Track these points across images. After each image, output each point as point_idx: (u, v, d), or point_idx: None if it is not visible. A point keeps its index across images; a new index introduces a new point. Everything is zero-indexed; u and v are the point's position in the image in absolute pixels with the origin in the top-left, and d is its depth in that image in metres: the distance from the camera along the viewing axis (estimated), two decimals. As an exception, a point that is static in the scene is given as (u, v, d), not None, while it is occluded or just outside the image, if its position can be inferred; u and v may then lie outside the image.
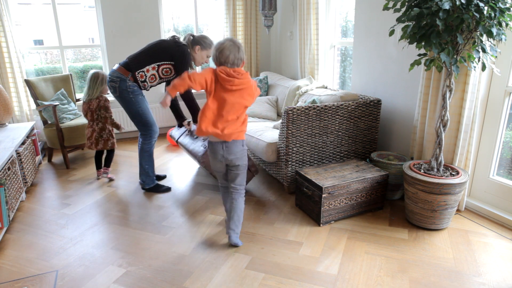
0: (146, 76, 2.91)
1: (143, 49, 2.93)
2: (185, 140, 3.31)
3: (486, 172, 2.69)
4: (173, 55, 2.89)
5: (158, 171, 3.68)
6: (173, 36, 2.96)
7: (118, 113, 4.58)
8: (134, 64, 2.87)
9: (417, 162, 2.67)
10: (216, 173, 2.40)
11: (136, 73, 2.87)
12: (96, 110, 3.27)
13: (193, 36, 2.98)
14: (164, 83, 3.14)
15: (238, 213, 2.36)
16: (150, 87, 3.02)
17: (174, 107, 3.34)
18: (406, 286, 1.98)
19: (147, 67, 2.89)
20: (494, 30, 2.08)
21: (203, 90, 2.20)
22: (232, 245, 2.39)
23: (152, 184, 3.20)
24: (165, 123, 4.93)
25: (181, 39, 3.02)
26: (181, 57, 2.88)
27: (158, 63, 2.90)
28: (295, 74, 4.72)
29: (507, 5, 2.10)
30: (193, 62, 3.05)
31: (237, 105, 2.16)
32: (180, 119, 3.39)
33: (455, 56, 2.24)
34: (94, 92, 3.23)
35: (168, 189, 3.23)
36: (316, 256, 2.25)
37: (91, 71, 3.26)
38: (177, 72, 2.95)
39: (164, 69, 2.94)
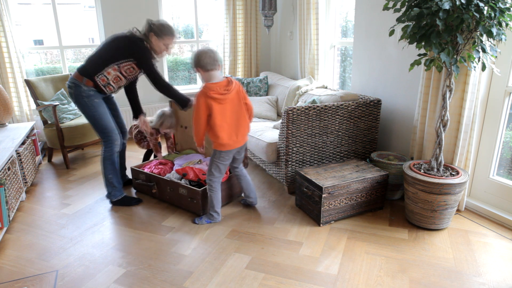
0: (108, 79, 2.69)
1: (98, 49, 2.69)
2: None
3: (486, 172, 2.69)
4: (129, 53, 2.65)
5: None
6: (133, 28, 2.70)
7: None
8: (91, 68, 2.66)
9: (417, 162, 2.67)
10: (224, 167, 2.59)
11: (96, 78, 2.66)
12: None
13: (151, 24, 2.66)
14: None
15: (252, 184, 2.83)
16: (119, 88, 2.85)
17: (133, 96, 3.05)
18: (406, 286, 1.98)
19: (107, 70, 2.66)
20: (494, 30, 2.08)
21: (195, 88, 2.31)
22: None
23: (120, 195, 2.94)
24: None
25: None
26: (138, 54, 2.63)
27: (117, 63, 2.66)
28: (295, 74, 4.71)
29: (507, 5, 2.10)
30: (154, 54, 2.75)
31: (237, 107, 2.44)
32: (137, 111, 3.09)
33: (455, 56, 2.24)
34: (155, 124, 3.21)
35: (139, 201, 2.99)
36: (316, 256, 2.25)
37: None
38: (144, 70, 2.70)
39: (127, 69, 2.71)
